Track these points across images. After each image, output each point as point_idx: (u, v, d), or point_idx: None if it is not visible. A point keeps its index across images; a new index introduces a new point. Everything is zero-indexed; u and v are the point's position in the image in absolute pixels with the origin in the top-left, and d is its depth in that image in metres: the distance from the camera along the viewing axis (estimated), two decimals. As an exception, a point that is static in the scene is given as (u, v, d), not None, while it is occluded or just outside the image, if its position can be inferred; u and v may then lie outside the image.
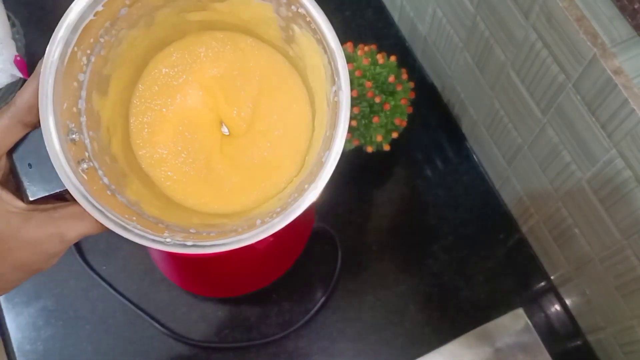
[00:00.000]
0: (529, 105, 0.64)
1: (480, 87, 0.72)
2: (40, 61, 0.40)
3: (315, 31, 0.42)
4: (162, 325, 0.74)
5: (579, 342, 0.74)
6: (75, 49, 0.41)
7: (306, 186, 0.41)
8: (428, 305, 0.75)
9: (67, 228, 0.42)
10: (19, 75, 0.80)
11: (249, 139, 0.49)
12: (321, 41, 0.42)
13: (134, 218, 0.41)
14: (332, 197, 0.80)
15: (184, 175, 0.48)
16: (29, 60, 0.85)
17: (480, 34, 0.67)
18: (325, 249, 0.77)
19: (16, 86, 0.83)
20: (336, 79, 0.41)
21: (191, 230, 0.42)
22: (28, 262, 0.43)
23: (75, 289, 0.77)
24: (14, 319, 0.75)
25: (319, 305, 0.74)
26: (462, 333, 0.73)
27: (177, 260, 0.71)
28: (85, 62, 0.42)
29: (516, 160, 0.72)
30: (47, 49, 0.40)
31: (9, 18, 0.83)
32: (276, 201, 0.46)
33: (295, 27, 0.44)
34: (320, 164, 0.41)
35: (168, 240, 0.40)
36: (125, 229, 0.40)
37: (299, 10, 0.42)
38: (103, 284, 0.76)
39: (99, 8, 0.41)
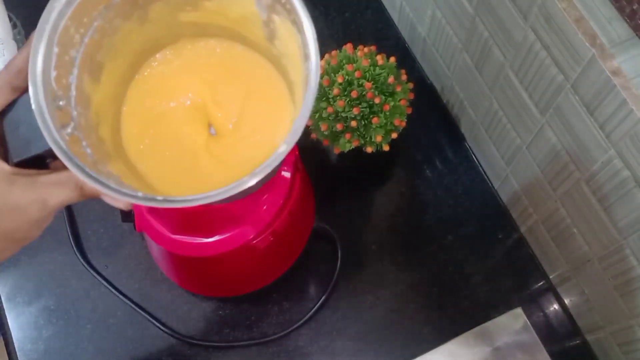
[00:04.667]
0: (527, 105, 0.64)
1: (479, 87, 0.72)
2: (33, 31, 0.42)
3: (290, 12, 0.43)
4: (163, 324, 0.75)
5: (577, 342, 0.74)
6: (69, 22, 0.43)
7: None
8: (427, 304, 0.76)
9: (50, 194, 0.43)
10: None
11: (234, 138, 0.51)
12: (295, 22, 0.43)
13: (111, 180, 0.42)
14: (332, 197, 0.80)
15: (170, 169, 0.49)
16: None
17: (479, 35, 0.67)
18: (325, 249, 0.78)
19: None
20: (306, 51, 0.42)
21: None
22: (12, 229, 0.44)
23: (76, 289, 0.77)
24: (16, 318, 0.76)
25: (319, 304, 0.75)
26: (461, 332, 0.73)
27: (178, 260, 0.71)
28: (79, 40, 0.44)
29: (515, 160, 0.72)
30: (42, 16, 0.41)
31: (10, 19, 0.83)
32: None
33: (275, 17, 0.46)
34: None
35: (140, 194, 0.41)
36: (102, 184, 0.41)
37: None
38: (104, 283, 0.76)
39: None
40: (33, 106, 0.41)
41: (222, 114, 0.51)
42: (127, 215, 0.66)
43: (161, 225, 0.65)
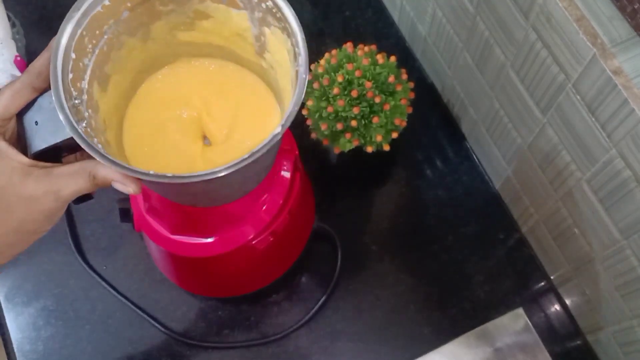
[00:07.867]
0: (528, 105, 0.64)
1: (480, 87, 0.72)
2: (53, 38, 0.47)
3: (281, 19, 0.49)
4: (162, 325, 0.74)
5: (578, 342, 0.74)
6: (84, 33, 0.48)
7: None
8: (428, 305, 0.75)
9: (63, 185, 0.46)
10: (19, 75, 0.80)
11: (226, 145, 0.56)
12: (286, 28, 0.49)
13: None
14: (332, 197, 0.80)
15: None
16: (29, 60, 0.84)
17: (480, 34, 0.67)
18: (325, 249, 0.77)
19: (16, 86, 0.83)
20: (296, 49, 0.48)
21: None
22: (25, 220, 0.47)
23: (75, 289, 0.77)
24: (14, 319, 0.75)
25: (319, 305, 0.74)
26: (462, 333, 0.73)
27: (177, 260, 0.71)
28: (91, 49, 0.50)
29: (516, 160, 0.72)
30: (61, 25, 0.47)
31: (9, 18, 0.83)
32: None
33: (266, 30, 0.52)
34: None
35: (151, 172, 0.44)
36: (116, 164, 0.44)
37: (267, 4, 0.49)
38: (103, 284, 0.76)
39: (106, 2, 0.49)
40: (54, 99, 0.45)
41: (215, 125, 0.56)
42: (126, 216, 0.66)
43: (160, 225, 0.64)
